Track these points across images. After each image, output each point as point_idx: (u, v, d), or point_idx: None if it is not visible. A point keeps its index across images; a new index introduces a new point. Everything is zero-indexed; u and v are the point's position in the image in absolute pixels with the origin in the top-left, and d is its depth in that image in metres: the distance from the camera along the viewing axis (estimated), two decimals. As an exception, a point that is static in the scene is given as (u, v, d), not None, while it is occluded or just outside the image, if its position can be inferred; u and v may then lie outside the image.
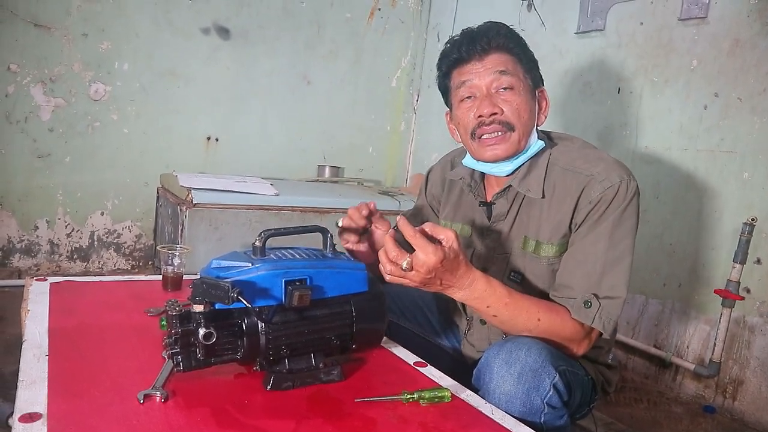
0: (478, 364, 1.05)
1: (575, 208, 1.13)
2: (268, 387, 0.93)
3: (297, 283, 0.93)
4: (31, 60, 2.68)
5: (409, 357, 1.12)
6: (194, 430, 0.79)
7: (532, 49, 1.23)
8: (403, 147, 3.69)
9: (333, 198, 2.62)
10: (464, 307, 1.33)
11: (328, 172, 3.29)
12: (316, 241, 1.08)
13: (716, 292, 2.00)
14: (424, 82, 3.56)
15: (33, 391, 0.84)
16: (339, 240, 1.22)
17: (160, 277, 1.45)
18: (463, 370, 1.14)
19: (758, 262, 1.95)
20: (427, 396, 0.93)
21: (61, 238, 2.90)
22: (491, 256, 1.25)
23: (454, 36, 1.21)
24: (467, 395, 0.98)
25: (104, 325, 1.14)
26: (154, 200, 2.88)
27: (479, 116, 1.16)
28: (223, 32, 3.08)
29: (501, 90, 1.16)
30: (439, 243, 0.97)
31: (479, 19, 1.23)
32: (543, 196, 1.17)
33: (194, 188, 2.30)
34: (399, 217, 0.99)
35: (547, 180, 1.18)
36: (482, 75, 1.16)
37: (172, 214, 2.43)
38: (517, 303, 1.05)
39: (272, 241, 0.99)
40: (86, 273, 2.95)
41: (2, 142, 2.70)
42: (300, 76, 3.31)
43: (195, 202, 2.26)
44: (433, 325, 1.43)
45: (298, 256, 0.99)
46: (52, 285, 1.34)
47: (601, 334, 1.10)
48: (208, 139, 3.14)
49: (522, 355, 0.98)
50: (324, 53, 3.35)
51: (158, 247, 1.50)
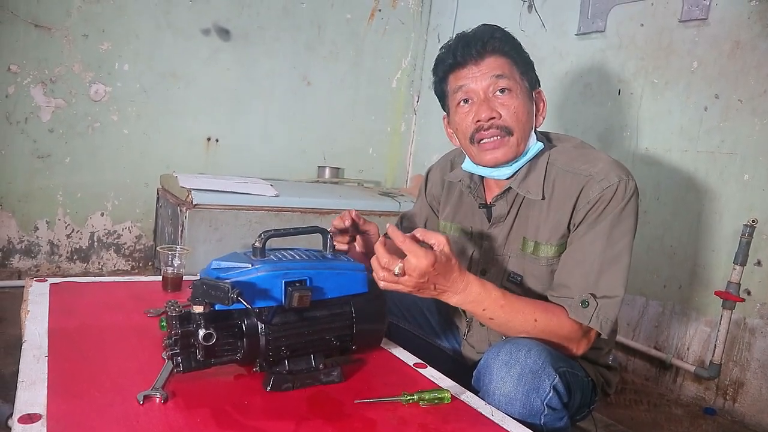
0: (477, 366, 1.05)
1: (574, 208, 1.13)
2: (268, 388, 0.93)
3: (297, 284, 0.93)
4: (31, 61, 2.69)
5: (409, 358, 1.12)
6: (194, 431, 0.79)
7: (533, 50, 1.23)
8: (404, 148, 3.69)
9: (333, 199, 2.62)
10: (464, 309, 1.32)
11: (328, 173, 3.29)
12: (316, 242, 1.08)
13: (716, 293, 2.00)
14: (425, 83, 3.56)
15: (33, 392, 0.84)
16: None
17: (160, 278, 1.45)
18: (463, 372, 1.14)
19: (759, 263, 1.95)
20: (427, 397, 0.93)
21: (61, 239, 2.90)
22: (491, 257, 1.25)
23: (448, 41, 1.21)
24: (467, 397, 0.98)
25: (104, 326, 1.14)
26: (154, 201, 2.88)
27: (477, 121, 1.16)
28: (224, 33, 3.08)
29: (498, 93, 1.16)
30: (430, 248, 0.97)
31: (480, 21, 1.23)
32: (543, 198, 1.17)
33: (194, 189, 2.30)
34: (388, 225, 0.98)
35: (547, 181, 1.18)
36: (479, 79, 1.16)
37: (172, 215, 2.43)
38: (512, 305, 1.05)
39: (272, 242, 0.99)
40: (86, 274, 2.95)
41: (2, 143, 2.70)
42: (300, 77, 3.31)
43: (195, 202, 2.26)
44: (433, 326, 1.43)
45: (298, 257, 0.99)
46: (52, 286, 1.34)
47: (599, 335, 1.10)
48: (209, 139, 3.14)
49: (522, 357, 0.98)
50: (324, 54, 3.36)
51: (158, 248, 1.50)
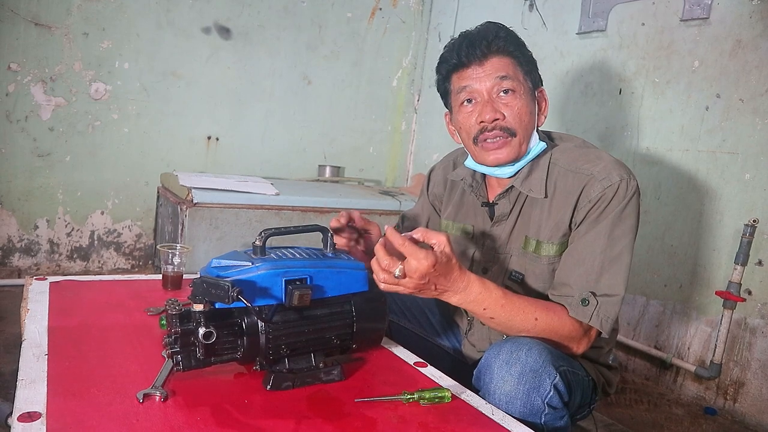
0: (478, 365, 1.05)
1: (575, 207, 1.13)
2: (268, 387, 0.93)
3: (297, 283, 0.93)
4: (31, 59, 2.68)
5: (410, 357, 1.12)
6: (194, 430, 0.79)
7: (534, 49, 1.23)
8: (404, 147, 3.69)
9: (333, 198, 2.62)
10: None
11: (328, 171, 3.29)
12: (316, 240, 1.08)
13: (717, 293, 2.00)
14: (425, 82, 3.56)
15: (32, 390, 0.84)
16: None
17: (160, 277, 1.45)
18: (464, 371, 1.14)
19: (759, 263, 1.95)
20: (428, 396, 0.93)
21: (61, 238, 2.90)
22: (492, 256, 1.25)
23: (452, 39, 1.21)
24: (467, 396, 0.98)
25: (104, 325, 1.14)
26: (154, 200, 2.88)
27: (481, 122, 1.16)
28: (224, 32, 3.08)
29: (501, 94, 1.16)
30: (430, 248, 0.97)
31: (480, 20, 1.23)
32: (545, 196, 1.17)
33: (194, 188, 2.30)
34: (387, 227, 0.98)
35: (549, 180, 1.18)
36: (483, 80, 1.16)
37: (172, 214, 2.43)
38: (513, 303, 1.05)
39: (272, 241, 0.99)
40: (86, 272, 2.95)
41: (2, 142, 2.70)
42: (301, 76, 3.31)
43: (195, 201, 2.26)
44: (434, 325, 1.43)
45: (298, 256, 0.99)
46: (52, 284, 1.34)
47: (600, 333, 1.10)
48: (209, 138, 3.14)
49: (522, 356, 0.98)
50: (325, 53, 3.35)
51: (158, 247, 1.50)
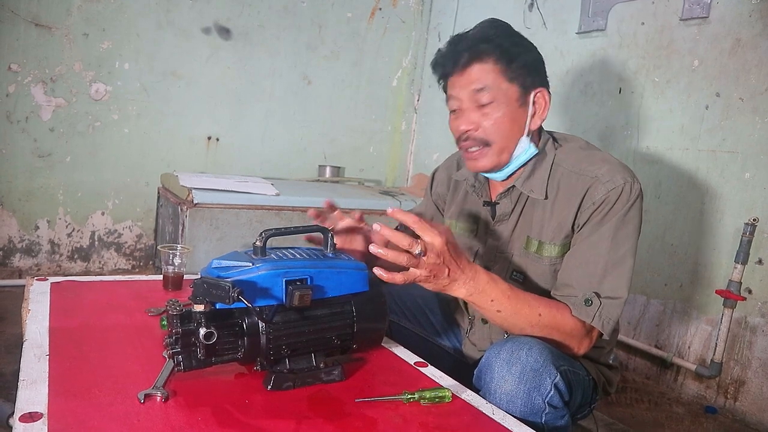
0: (478, 364, 1.05)
1: (578, 209, 1.13)
2: (269, 387, 0.93)
3: (298, 283, 0.93)
4: (31, 60, 2.69)
5: (410, 357, 1.12)
6: (195, 430, 0.79)
7: (534, 49, 1.23)
8: (404, 147, 3.69)
9: (334, 198, 2.60)
10: (466, 306, 1.32)
11: (328, 172, 3.29)
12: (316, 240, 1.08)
13: (717, 292, 2.00)
14: (425, 82, 3.56)
15: (33, 390, 0.84)
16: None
17: (160, 277, 1.45)
18: (464, 371, 1.14)
19: (760, 262, 1.95)
20: (428, 396, 0.93)
21: (62, 238, 2.90)
22: (494, 255, 1.25)
23: (442, 47, 1.21)
24: (468, 395, 0.98)
25: (105, 325, 1.14)
26: (154, 200, 2.88)
27: (458, 130, 1.19)
28: (224, 32, 3.08)
29: (481, 104, 1.16)
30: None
31: (480, 19, 1.23)
32: (546, 197, 1.17)
33: (195, 188, 2.30)
34: (392, 209, 0.96)
35: (551, 181, 1.18)
36: (462, 89, 1.17)
37: (172, 214, 2.43)
38: (519, 296, 1.05)
39: (273, 241, 0.99)
40: (87, 273, 2.95)
41: (3, 142, 2.70)
42: (301, 76, 3.31)
43: (196, 201, 2.26)
44: (434, 325, 1.43)
45: (298, 256, 0.99)
46: (53, 285, 1.34)
47: (601, 335, 1.10)
48: (209, 139, 3.14)
49: (523, 355, 0.98)
50: (325, 53, 3.35)
51: (159, 247, 1.50)
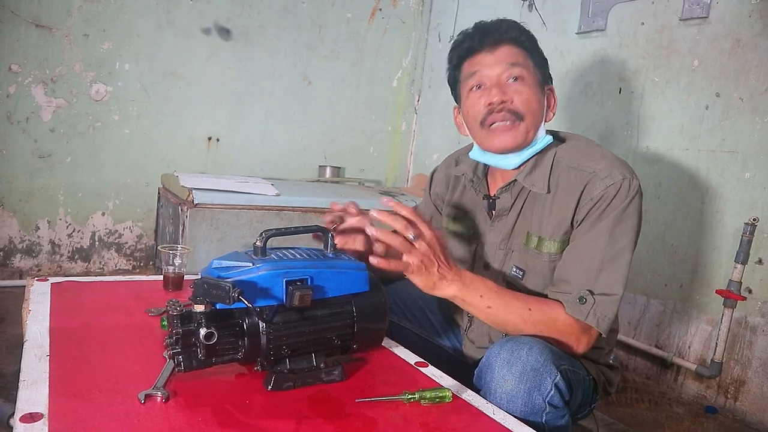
0: (479, 364, 1.05)
1: (577, 205, 1.13)
2: (269, 387, 0.93)
3: (298, 283, 0.93)
4: (32, 60, 2.69)
5: (410, 357, 1.12)
6: (195, 430, 0.79)
7: (534, 49, 1.23)
8: (404, 147, 3.69)
9: (334, 198, 2.59)
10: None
11: (329, 172, 3.29)
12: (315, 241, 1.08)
13: (718, 292, 2.00)
14: (425, 82, 3.56)
15: (34, 391, 0.84)
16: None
17: (161, 278, 1.45)
18: (464, 371, 1.14)
19: (760, 262, 1.95)
20: (428, 396, 0.93)
21: (62, 239, 2.90)
22: (493, 251, 1.25)
23: (466, 29, 1.22)
24: (468, 395, 0.98)
25: (105, 326, 1.14)
26: (155, 200, 2.88)
27: (489, 104, 1.17)
28: (224, 32, 3.08)
29: (511, 81, 1.17)
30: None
31: (480, 19, 1.23)
32: (548, 191, 1.17)
33: (195, 188, 2.30)
34: (386, 200, 1.04)
35: (552, 176, 1.18)
36: (493, 66, 1.17)
37: (173, 215, 2.43)
38: (507, 292, 1.09)
39: (273, 241, 0.99)
40: (87, 273, 2.96)
41: (3, 143, 2.70)
42: (301, 76, 3.31)
43: (196, 202, 2.26)
44: (434, 325, 1.43)
45: (299, 256, 0.99)
46: (53, 285, 1.34)
47: (601, 334, 1.10)
48: (209, 139, 3.14)
49: (523, 355, 0.98)
50: (325, 53, 3.35)
51: (159, 248, 1.50)
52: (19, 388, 0.84)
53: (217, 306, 0.87)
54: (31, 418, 0.77)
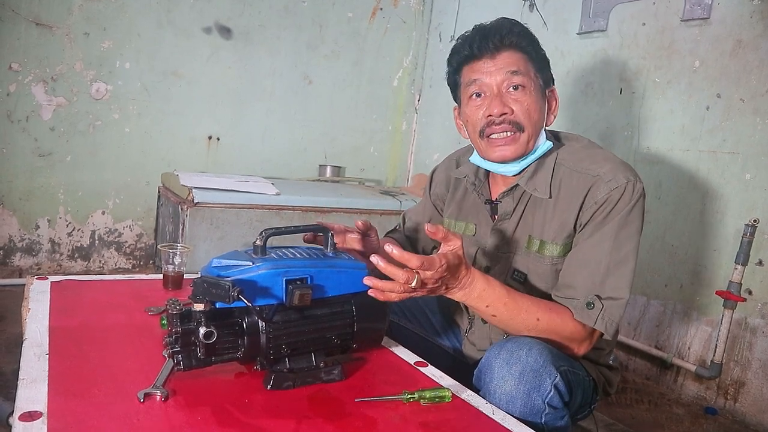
0: (478, 365, 1.05)
1: (580, 208, 1.13)
2: (269, 386, 0.93)
3: (298, 282, 0.93)
4: (32, 59, 2.69)
5: (410, 357, 1.12)
6: (195, 429, 0.79)
7: (534, 49, 1.23)
8: (405, 147, 3.69)
9: (334, 198, 2.62)
10: (466, 307, 1.32)
11: (329, 171, 3.29)
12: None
13: (718, 293, 2.00)
14: (426, 82, 3.56)
15: (33, 389, 0.84)
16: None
17: (160, 276, 1.45)
18: (464, 371, 1.14)
19: (760, 263, 1.95)
20: (428, 396, 0.93)
21: (62, 237, 2.90)
22: (495, 254, 1.24)
23: (465, 32, 1.20)
24: (468, 395, 0.98)
25: (105, 324, 1.14)
26: (155, 199, 2.88)
27: (489, 115, 1.15)
28: (225, 32, 3.08)
29: (511, 89, 1.15)
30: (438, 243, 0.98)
31: (481, 20, 1.22)
32: (550, 196, 1.17)
33: (195, 187, 2.30)
34: (388, 247, 0.92)
35: (554, 180, 1.18)
36: (493, 74, 1.15)
37: (173, 213, 2.43)
38: (516, 302, 1.05)
39: (273, 241, 0.99)
40: (87, 272, 2.96)
41: (3, 141, 2.70)
42: (301, 76, 3.31)
43: (196, 201, 2.26)
44: (434, 325, 1.43)
45: (299, 255, 0.99)
46: (53, 284, 1.34)
47: (602, 335, 1.10)
48: (210, 138, 3.14)
49: (523, 355, 0.98)
50: (326, 53, 3.35)
51: (159, 246, 1.50)
52: (19, 386, 0.84)
53: (217, 305, 0.87)
54: (30, 416, 0.77)
